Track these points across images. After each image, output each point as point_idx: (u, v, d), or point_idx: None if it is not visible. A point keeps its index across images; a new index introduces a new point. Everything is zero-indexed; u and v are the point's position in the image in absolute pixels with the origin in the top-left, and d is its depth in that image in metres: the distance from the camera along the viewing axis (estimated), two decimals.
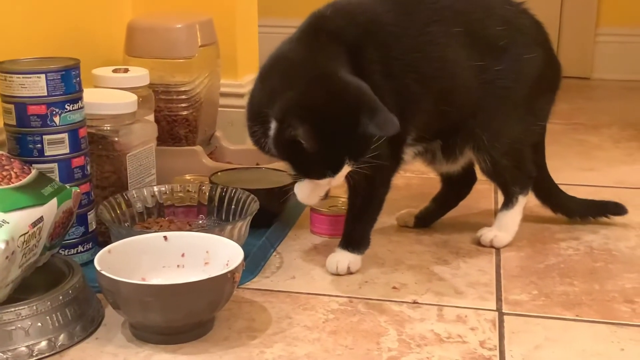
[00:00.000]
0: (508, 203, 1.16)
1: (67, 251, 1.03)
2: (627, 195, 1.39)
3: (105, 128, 1.11)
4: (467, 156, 1.13)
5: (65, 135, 1.00)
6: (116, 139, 1.10)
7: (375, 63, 1.00)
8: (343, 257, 1.06)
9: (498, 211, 1.18)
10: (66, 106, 1.00)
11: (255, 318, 0.93)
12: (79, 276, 0.91)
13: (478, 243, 1.16)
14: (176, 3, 1.52)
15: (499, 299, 0.99)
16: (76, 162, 1.02)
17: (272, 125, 0.95)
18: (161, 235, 0.96)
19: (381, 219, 1.09)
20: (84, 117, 1.04)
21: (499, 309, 0.96)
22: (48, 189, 0.91)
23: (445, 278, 1.05)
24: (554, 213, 1.25)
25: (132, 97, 1.14)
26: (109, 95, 1.15)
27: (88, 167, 1.05)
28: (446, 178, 1.22)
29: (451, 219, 1.25)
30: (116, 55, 1.39)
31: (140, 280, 0.92)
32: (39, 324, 0.84)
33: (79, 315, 0.88)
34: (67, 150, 1.01)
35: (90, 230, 1.07)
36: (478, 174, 1.21)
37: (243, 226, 1.03)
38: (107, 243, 0.95)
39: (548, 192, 1.23)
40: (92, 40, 1.39)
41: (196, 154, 1.35)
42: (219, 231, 0.99)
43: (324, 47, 0.98)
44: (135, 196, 1.11)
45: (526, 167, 1.15)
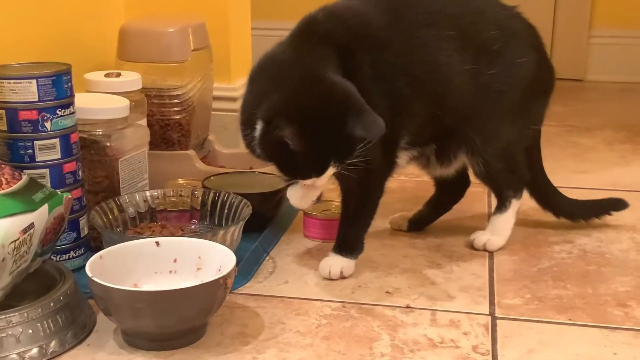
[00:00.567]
0: (501, 207, 1.15)
1: (59, 257, 1.03)
2: (621, 197, 1.39)
3: (97, 133, 1.10)
4: (461, 160, 1.13)
5: (56, 140, 1.00)
6: (108, 144, 1.10)
7: (366, 66, 1.00)
8: (336, 262, 1.05)
9: (491, 215, 1.18)
10: (57, 111, 0.99)
11: (248, 323, 0.93)
12: (71, 282, 0.91)
13: (471, 247, 1.16)
14: (169, 7, 1.52)
15: (492, 303, 0.99)
16: (68, 168, 1.02)
17: (258, 125, 0.95)
18: (153, 240, 0.96)
19: (375, 223, 1.09)
20: (76, 122, 1.03)
21: (492, 313, 0.96)
22: (39, 195, 0.90)
23: (438, 282, 1.05)
24: (557, 217, 1.24)
25: (125, 102, 1.14)
26: (101, 99, 1.15)
27: (80, 173, 1.05)
28: (440, 182, 1.22)
29: (445, 223, 1.25)
30: (108, 59, 1.39)
31: (132, 286, 0.91)
32: (30, 331, 0.83)
33: (71, 321, 0.88)
34: (59, 155, 1.01)
35: (82, 235, 1.06)
36: (471, 178, 1.21)
37: (236, 231, 1.03)
38: (100, 248, 0.95)
39: (549, 197, 1.23)
40: (84, 44, 1.38)
41: (189, 158, 1.35)
42: (212, 236, 0.98)
43: (314, 50, 0.98)
44: (127, 201, 1.11)
45: (520, 171, 1.15)
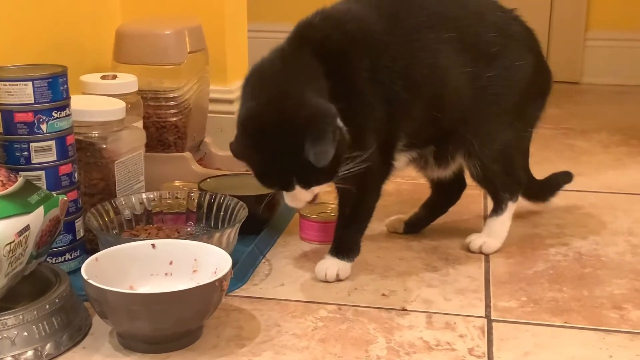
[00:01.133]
0: (497, 209, 1.16)
1: (55, 259, 1.03)
2: (616, 200, 1.40)
3: (93, 135, 1.10)
4: (459, 162, 1.13)
5: (52, 142, 1.00)
6: (104, 146, 1.10)
7: (363, 70, 0.99)
8: (332, 264, 1.05)
9: (487, 217, 1.18)
10: (53, 113, 0.99)
11: (243, 326, 0.93)
12: (66, 285, 0.91)
13: (467, 249, 1.16)
14: (165, 9, 1.52)
15: (488, 306, 0.99)
16: (63, 170, 1.02)
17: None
18: (149, 243, 0.96)
19: (371, 225, 1.08)
20: (72, 125, 1.03)
21: (488, 316, 0.96)
22: (34, 197, 0.90)
23: (434, 285, 1.05)
24: (533, 203, 1.26)
25: (121, 104, 1.14)
26: (97, 102, 1.15)
27: (76, 175, 1.04)
28: (436, 184, 1.22)
29: (441, 225, 1.25)
30: (104, 61, 1.39)
31: (128, 288, 0.91)
32: (25, 334, 0.83)
33: (66, 324, 0.87)
34: (55, 157, 1.00)
35: (78, 238, 1.06)
36: (468, 180, 1.21)
37: (232, 233, 1.03)
38: (96, 250, 0.95)
39: (530, 188, 1.24)
40: (80, 46, 1.38)
41: (185, 160, 1.35)
42: (207, 238, 0.98)
43: (303, 60, 0.98)
44: (123, 203, 1.10)
45: (516, 174, 1.15)
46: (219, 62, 1.53)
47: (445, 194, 1.23)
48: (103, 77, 1.24)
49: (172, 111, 1.35)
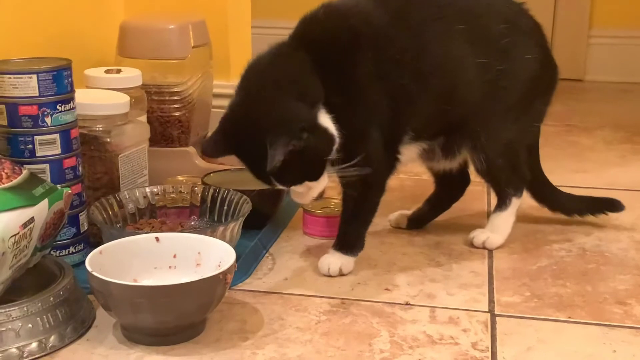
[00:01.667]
0: (501, 205, 1.15)
1: (59, 252, 1.03)
2: (619, 197, 1.38)
3: (97, 129, 1.10)
4: (465, 154, 1.12)
5: (56, 135, 1.00)
6: (108, 140, 1.10)
7: (367, 65, 0.99)
8: (335, 259, 1.05)
9: (491, 213, 1.18)
10: (58, 106, 0.99)
11: (247, 320, 0.93)
12: (70, 277, 0.91)
13: (471, 244, 1.16)
14: (169, 4, 1.52)
15: (491, 301, 0.99)
16: (68, 163, 1.02)
17: None
18: (153, 236, 0.96)
19: (374, 220, 1.08)
20: (76, 118, 1.03)
21: (491, 311, 0.96)
22: (39, 190, 0.90)
23: (437, 279, 1.05)
24: (552, 212, 1.24)
25: (125, 98, 1.14)
26: (101, 95, 1.15)
27: (80, 168, 1.04)
28: (440, 179, 1.22)
29: (444, 221, 1.25)
30: (108, 56, 1.39)
31: (131, 281, 0.91)
32: (30, 325, 0.83)
33: (70, 316, 0.88)
34: (59, 150, 1.00)
35: (82, 231, 1.06)
36: (472, 176, 1.21)
37: (235, 227, 1.03)
38: (99, 244, 0.95)
39: (545, 191, 1.23)
40: (84, 41, 1.38)
41: (189, 155, 1.35)
42: (211, 232, 0.98)
43: (294, 60, 0.98)
44: (127, 197, 1.11)
45: (521, 169, 1.15)
46: (223, 57, 1.53)
47: (449, 190, 1.23)
48: (107, 71, 1.24)
49: (176, 106, 1.35)
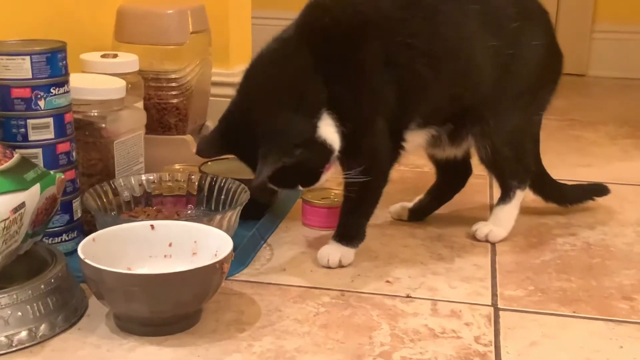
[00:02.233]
0: (505, 197, 1.13)
1: (51, 240, 1.00)
2: (624, 191, 1.38)
3: (92, 114, 1.08)
4: (471, 142, 1.09)
5: (50, 119, 0.97)
6: (103, 126, 1.07)
7: (375, 52, 0.97)
8: (335, 250, 1.03)
9: (494, 205, 1.16)
10: (52, 90, 0.96)
11: (244, 310, 0.91)
12: (62, 265, 0.88)
13: (473, 237, 1.14)
14: None
15: (495, 294, 0.96)
16: (61, 148, 0.99)
17: None
18: (148, 224, 0.93)
19: (374, 212, 1.06)
20: (70, 102, 1.00)
21: (495, 304, 0.94)
22: (31, 174, 0.87)
23: (439, 272, 1.02)
24: (546, 202, 1.22)
25: (121, 83, 1.11)
26: (97, 80, 1.12)
27: (74, 154, 1.02)
28: (442, 169, 1.19)
29: (445, 214, 1.23)
30: (105, 41, 1.36)
31: (125, 270, 0.88)
32: (19, 313, 0.81)
33: (61, 305, 0.85)
34: (52, 135, 0.98)
35: (75, 218, 1.04)
36: (474, 169, 1.19)
37: (233, 216, 1.01)
38: (93, 232, 0.92)
39: (542, 183, 1.21)
40: (80, 25, 1.35)
41: (186, 144, 1.32)
42: (208, 220, 0.96)
43: (295, 58, 0.96)
44: (122, 184, 1.08)
45: (525, 160, 1.13)
46: (222, 45, 1.50)
47: (451, 180, 1.20)
48: (103, 56, 1.21)
49: (174, 92, 1.32)
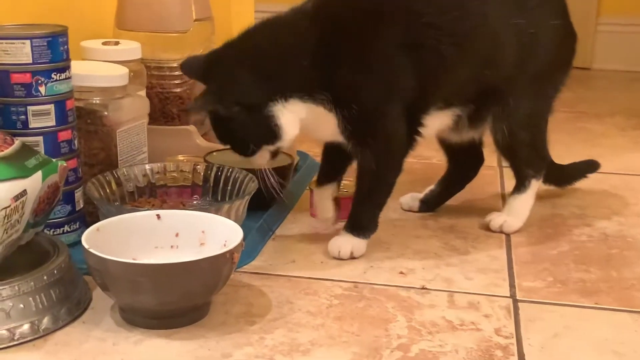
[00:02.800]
0: (520, 187, 1.10)
1: (53, 231, 0.97)
2: (635, 182, 1.35)
3: (94, 101, 1.04)
4: (489, 123, 1.06)
5: (51, 106, 0.94)
6: (105, 114, 1.04)
7: (393, 35, 0.93)
8: (346, 241, 1.00)
9: (509, 195, 1.13)
10: (53, 75, 0.93)
11: (253, 303, 0.87)
12: (65, 255, 0.85)
13: (486, 228, 1.10)
14: None
15: (512, 286, 0.93)
16: (63, 136, 0.96)
17: None
18: (154, 213, 0.90)
19: None
20: (72, 88, 0.97)
21: (513, 296, 0.90)
22: (32, 161, 0.84)
23: (453, 263, 0.99)
24: (545, 184, 1.20)
25: (123, 70, 1.08)
26: (99, 67, 1.08)
27: (75, 142, 0.98)
28: (454, 157, 1.16)
29: (456, 205, 1.20)
30: (106, 29, 1.32)
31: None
32: (21, 306, 0.77)
33: (65, 297, 0.82)
34: (54, 122, 0.94)
35: (77, 209, 1.00)
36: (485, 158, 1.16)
37: (241, 206, 0.97)
38: (95, 223, 0.89)
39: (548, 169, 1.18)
40: (80, 12, 1.31)
41: (190, 134, 1.29)
42: (216, 211, 0.92)
43: (294, 46, 0.94)
44: (125, 174, 1.04)
45: (541, 148, 1.10)
46: (225, 34, 1.44)
47: (462, 168, 1.17)
48: (105, 43, 1.17)
49: (176, 82, 1.28)
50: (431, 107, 0.99)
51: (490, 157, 1.21)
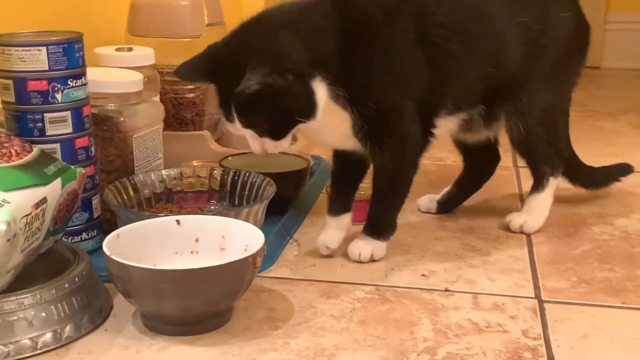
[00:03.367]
0: (538, 185, 1.09)
1: (71, 239, 0.96)
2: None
3: (109, 108, 1.04)
4: (503, 122, 1.05)
5: (68, 113, 0.93)
6: (121, 119, 1.03)
7: (406, 33, 0.92)
8: (366, 244, 0.99)
9: (527, 194, 1.12)
10: (69, 82, 0.92)
11: (276, 307, 0.86)
12: (85, 263, 0.84)
13: (506, 229, 1.09)
14: None
15: (537, 286, 0.92)
16: (80, 143, 0.95)
17: None
18: (174, 219, 0.89)
19: None
20: (88, 95, 0.96)
21: (538, 297, 0.89)
22: (51, 168, 0.83)
23: (475, 265, 0.98)
24: (572, 185, 1.19)
25: (138, 76, 1.07)
26: (114, 73, 1.08)
27: (92, 149, 0.98)
28: (469, 156, 1.15)
29: (474, 205, 1.19)
30: (118, 35, 1.32)
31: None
32: (43, 314, 0.76)
33: (86, 305, 0.81)
34: (70, 129, 0.94)
35: (95, 216, 0.99)
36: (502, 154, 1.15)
37: (260, 210, 0.96)
38: (114, 231, 0.88)
39: (570, 163, 1.16)
40: (93, 18, 1.31)
41: (204, 139, 1.28)
42: (235, 215, 0.92)
43: (321, 24, 0.90)
44: (142, 180, 1.04)
45: (558, 144, 1.09)
46: None
47: (479, 167, 1.16)
48: (118, 49, 1.17)
49: (190, 87, 1.28)
50: (441, 110, 0.98)
51: (505, 158, 1.20)
